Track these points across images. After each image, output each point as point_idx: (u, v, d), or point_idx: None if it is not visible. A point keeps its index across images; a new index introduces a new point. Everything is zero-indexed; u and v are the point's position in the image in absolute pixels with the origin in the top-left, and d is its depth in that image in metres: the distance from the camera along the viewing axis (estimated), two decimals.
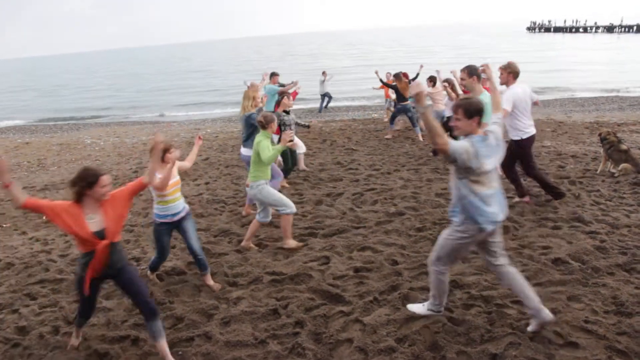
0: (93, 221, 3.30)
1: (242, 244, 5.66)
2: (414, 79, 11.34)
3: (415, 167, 8.74)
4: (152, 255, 5.55)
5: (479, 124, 3.41)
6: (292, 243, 5.53)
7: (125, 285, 3.52)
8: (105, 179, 3.35)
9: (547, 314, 3.57)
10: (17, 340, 3.99)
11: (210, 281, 4.77)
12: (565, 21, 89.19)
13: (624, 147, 7.38)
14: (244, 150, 6.65)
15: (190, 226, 4.65)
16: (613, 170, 7.42)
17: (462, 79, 5.66)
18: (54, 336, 4.03)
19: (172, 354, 3.63)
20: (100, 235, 3.29)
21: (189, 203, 7.45)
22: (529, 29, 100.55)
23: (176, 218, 4.57)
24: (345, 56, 59.09)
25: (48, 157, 12.40)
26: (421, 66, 12.13)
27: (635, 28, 69.45)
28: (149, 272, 4.96)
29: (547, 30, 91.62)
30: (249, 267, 5.07)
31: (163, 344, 3.55)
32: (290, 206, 5.38)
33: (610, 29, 75.11)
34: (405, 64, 31.59)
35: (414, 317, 3.93)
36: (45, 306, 4.56)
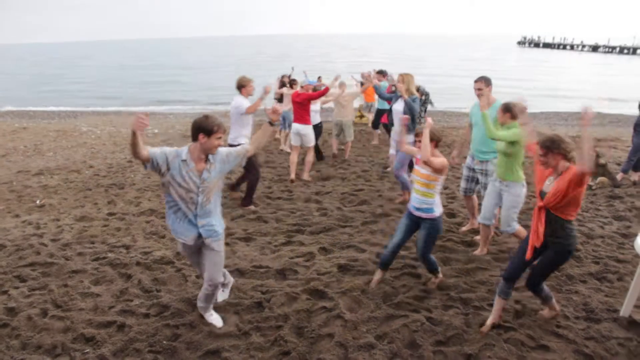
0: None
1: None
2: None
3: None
4: (141, 243, 5.64)
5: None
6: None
7: None
8: None
9: None
10: (6, 321, 4.07)
11: None
12: (553, 38, 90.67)
13: (602, 161, 7.63)
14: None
15: None
16: (590, 183, 7.67)
17: (479, 88, 5.33)
18: (42, 318, 4.10)
19: (156, 342, 3.75)
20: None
21: None
22: (519, 43, 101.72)
23: None
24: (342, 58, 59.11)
25: (44, 143, 12.36)
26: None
27: (618, 49, 70.95)
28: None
29: (537, 45, 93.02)
30: (236, 260, 5.18)
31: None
32: None
33: (595, 48, 76.60)
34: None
35: (394, 315, 4.08)
36: (34, 289, 4.63)
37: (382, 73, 9.94)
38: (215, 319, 4.03)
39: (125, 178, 8.67)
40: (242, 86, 6.56)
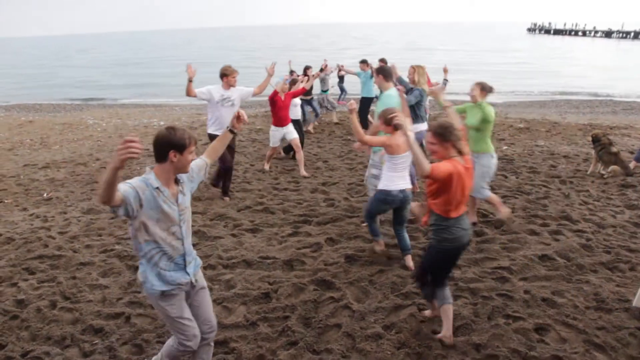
0: None
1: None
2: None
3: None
4: None
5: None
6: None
7: None
8: None
9: None
10: (16, 313, 4.10)
11: None
12: (565, 24, 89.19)
13: (614, 149, 7.52)
14: None
15: None
16: (603, 172, 7.57)
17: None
18: (51, 310, 4.13)
19: (164, 333, 3.75)
20: None
21: None
22: (529, 30, 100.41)
23: None
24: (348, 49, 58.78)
25: (51, 136, 12.44)
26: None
27: (632, 34, 69.62)
28: None
29: (547, 32, 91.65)
30: (243, 251, 5.18)
31: None
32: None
33: (608, 34, 75.27)
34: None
35: (402, 305, 4.06)
36: (43, 281, 4.66)
37: (364, 62, 10.97)
38: None
39: (131, 171, 8.67)
40: (224, 75, 6.41)
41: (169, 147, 2.69)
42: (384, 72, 5.65)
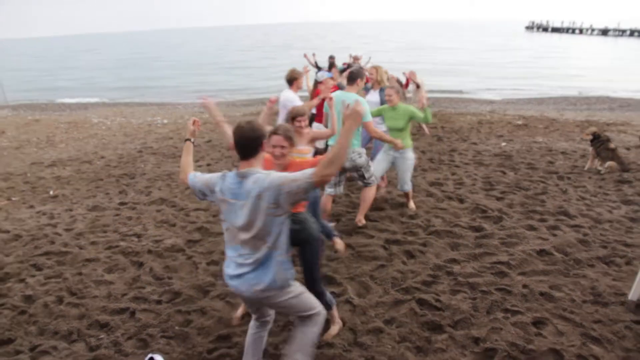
0: None
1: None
2: None
3: None
4: (152, 232, 5.72)
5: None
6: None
7: None
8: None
9: None
10: (24, 308, 4.18)
11: None
12: (562, 22, 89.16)
13: (612, 145, 7.59)
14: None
15: None
16: (600, 168, 7.64)
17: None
18: (58, 305, 4.20)
19: (168, 327, 3.83)
20: None
21: None
22: (527, 28, 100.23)
23: None
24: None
25: (56, 135, 12.51)
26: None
27: (628, 32, 69.66)
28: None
29: (545, 30, 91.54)
30: None
31: None
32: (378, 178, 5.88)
33: (605, 32, 75.32)
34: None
35: (402, 300, 4.13)
36: (50, 277, 4.74)
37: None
38: None
39: (135, 168, 8.75)
40: (293, 79, 6.23)
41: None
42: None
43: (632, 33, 69.03)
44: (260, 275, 2.68)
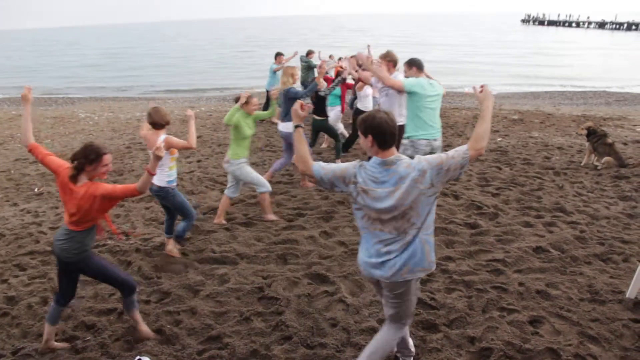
0: None
1: (215, 220, 5.82)
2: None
3: None
4: (141, 230, 5.61)
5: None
6: (272, 217, 5.81)
7: None
8: (108, 158, 3.33)
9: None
10: (6, 310, 4.06)
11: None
12: (558, 15, 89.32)
13: (609, 140, 7.54)
14: (283, 126, 6.74)
15: None
16: (596, 163, 7.58)
17: (405, 71, 5.44)
18: (42, 307, 4.09)
19: (158, 328, 3.74)
20: None
21: (180, 180, 7.50)
22: (523, 21, 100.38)
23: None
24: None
25: (42, 130, 12.30)
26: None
27: (625, 25, 69.83)
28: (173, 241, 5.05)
29: (541, 23, 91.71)
30: (237, 245, 5.15)
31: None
32: (266, 185, 5.64)
33: (602, 25, 75.51)
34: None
35: None
36: (34, 277, 4.62)
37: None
38: None
39: (124, 164, 8.62)
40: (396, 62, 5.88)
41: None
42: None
43: (630, 26, 69.19)
44: (408, 258, 2.70)
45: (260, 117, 5.77)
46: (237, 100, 5.49)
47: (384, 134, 2.60)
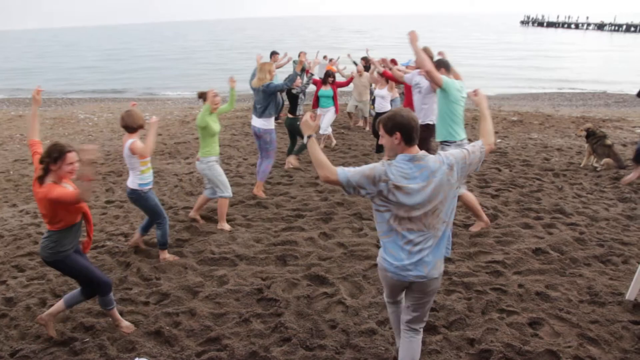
0: None
1: (190, 214, 5.88)
2: None
3: None
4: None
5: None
6: (226, 226, 5.67)
7: None
8: (72, 156, 3.26)
9: None
10: (4, 311, 4.04)
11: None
12: (558, 17, 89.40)
13: (608, 142, 7.54)
14: (260, 122, 6.58)
15: None
16: (596, 165, 7.58)
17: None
18: (41, 308, 4.07)
19: (157, 329, 3.73)
20: None
21: (180, 181, 7.49)
22: (522, 22, 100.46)
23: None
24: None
25: (41, 131, 12.13)
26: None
27: (624, 27, 69.87)
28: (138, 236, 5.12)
29: (540, 24, 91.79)
30: (236, 246, 5.14)
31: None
32: (228, 190, 5.61)
33: (601, 26, 75.56)
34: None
35: None
36: (32, 278, 4.60)
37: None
38: None
39: (123, 165, 8.59)
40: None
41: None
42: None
43: (629, 28, 69.18)
44: (437, 254, 2.76)
45: (222, 111, 5.83)
46: (200, 96, 5.55)
47: (410, 130, 2.64)
